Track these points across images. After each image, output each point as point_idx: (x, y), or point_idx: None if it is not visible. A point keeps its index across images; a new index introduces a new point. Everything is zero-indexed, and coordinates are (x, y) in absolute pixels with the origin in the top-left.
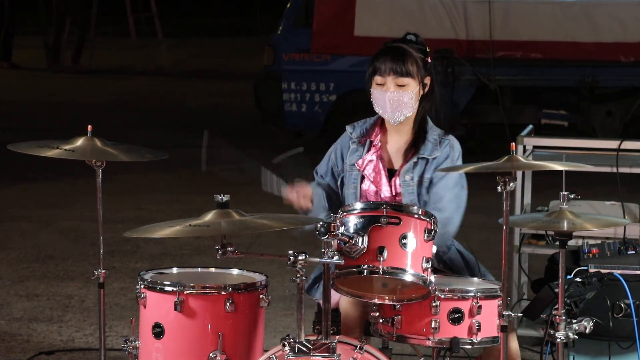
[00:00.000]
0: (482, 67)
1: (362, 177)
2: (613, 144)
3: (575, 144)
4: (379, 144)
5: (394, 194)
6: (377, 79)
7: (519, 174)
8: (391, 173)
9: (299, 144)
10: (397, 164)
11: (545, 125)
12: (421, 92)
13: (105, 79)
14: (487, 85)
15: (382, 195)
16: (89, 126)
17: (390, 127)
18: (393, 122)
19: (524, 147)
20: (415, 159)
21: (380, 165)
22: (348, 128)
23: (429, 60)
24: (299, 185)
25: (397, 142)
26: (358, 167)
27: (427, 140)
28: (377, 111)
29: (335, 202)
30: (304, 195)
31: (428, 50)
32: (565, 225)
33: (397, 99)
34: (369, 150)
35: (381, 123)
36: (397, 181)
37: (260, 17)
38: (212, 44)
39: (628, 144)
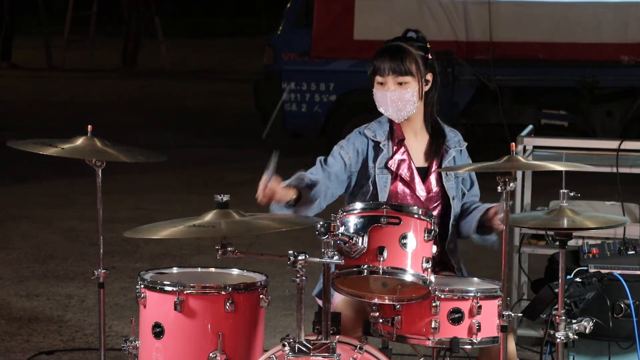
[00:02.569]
0: (482, 67)
1: (394, 178)
2: (613, 144)
3: (575, 144)
4: (405, 143)
5: (428, 191)
6: (378, 78)
7: (519, 174)
8: (420, 171)
9: (299, 144)
10: (423, 161)
11: (545, 126)
12: (424, 89)
13: (105, 79)
14: (487, 85)
15: (418, 195)
16: (89, 126)
17: (405, 126)
18: (397, 119)
19: (524, 147)
20: (453, 153)
21: (413, 165)
22: (367, 132)
23: (430, 57)
24: (273, 180)
25: (415, 139)
26: (391, 169)
27: (446, 132)
28: (380, 110)
29: (331, 193)
30: (270, 189)
31: (429, 46)
32: (565, 223)
33: (398, 97)
34: (397, 150)
35: (396, 122)
36: (432, 178)
37: (265, 17)
38: (212, 44)
39: (628, 144)
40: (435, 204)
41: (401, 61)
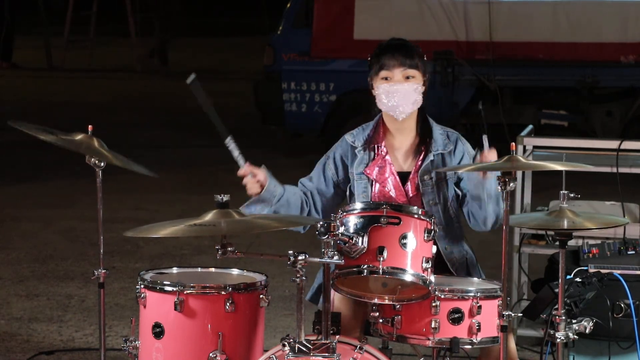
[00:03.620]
0: (482, 67)
1: (373, 184)
2: (613, 144)
3: (575, 144)
4: (385, 148)
5: (407, 196)
6: (384, 73)
7: (519, 174)
8: (402, 176)
9: (299, 144)
10: (407, 165)
11: (545, 126)
12: (424, 87)
13: (105, 79)
14: (487, 85)
15: (399, 200)
16: (90, 126)
17: (394, 129)
18: (398, 116)
19: (524, 147)
20: (431, 157)
21: (391, 170)
22: (348, 137)
23: (425, 58)
24: (257, 169)
25: (402, 143)
26: (367, 175)
27: (434, 135)
28: (382, 108)
29: (322, 205)
30: (257, 179)
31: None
32: (565, 224)
33: (406, 90)
34: (376, 155)
35: (383, 126)
36: (414, 182)
37: (268, 17)
38: (212, 44)
39: (628, 144)
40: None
41: (410, 55)
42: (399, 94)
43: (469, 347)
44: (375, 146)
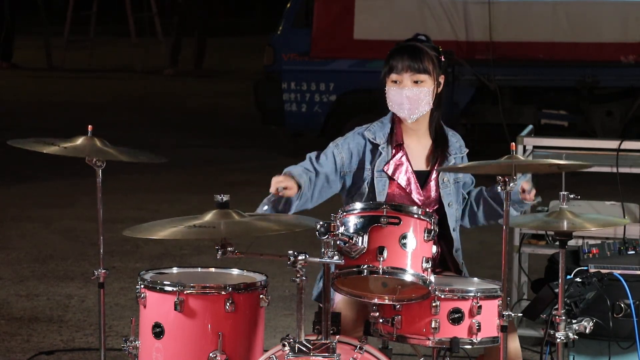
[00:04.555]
0: (482, 67)
1: (391, 182)
2: (613, 144)
3: (575, 144)
4: (404, 147)
5: (426, 196)
6: (393, 76)
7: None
8: (419, 175)
9: (299, 144)
10: (425, 165)
11: (545, 126)
12: (436, 91)
13: (105, 79)
14: (487, 85)
15: (415, 199)
16: (89, 126)
17: (408, 128)
18: (409, 120)
19: (524, 147)
20: (453, 160)
21: (411, 169)
22: (367, 133)
23: (442, 59)
24: (285, 177)
25: (419, 143)
26: (387, 173)
27: (449, 138)
28: (392, 110)
29: (321, 191)
30: (285, 186)
31: (440, 49)
32: (565, 225)
33: (414, 95)
34: (395, 153)
35: (399, 125)
36: (432, 183)
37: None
38: (212, 44)
39: (628, 144)
40: (434, 209)
41: (420, 59)
42: (408, 98)
43: (469, 347)
44: (396, 144)
